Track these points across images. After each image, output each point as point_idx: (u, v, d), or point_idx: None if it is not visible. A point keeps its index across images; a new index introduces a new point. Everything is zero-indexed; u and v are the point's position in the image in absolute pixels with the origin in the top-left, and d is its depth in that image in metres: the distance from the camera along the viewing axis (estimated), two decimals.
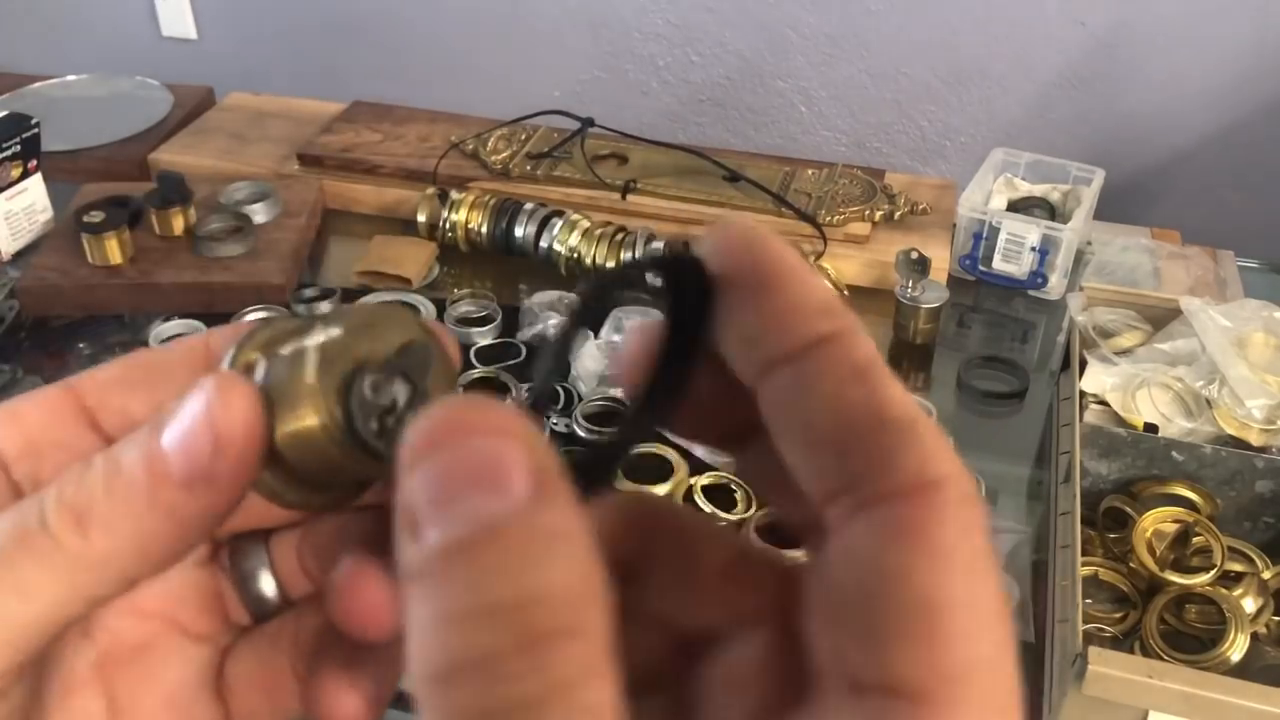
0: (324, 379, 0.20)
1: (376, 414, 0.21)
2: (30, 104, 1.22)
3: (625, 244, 0.98)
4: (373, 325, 0.21)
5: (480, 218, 1.02)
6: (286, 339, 0.21)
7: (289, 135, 1.20)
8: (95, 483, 0.19)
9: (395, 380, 0.21)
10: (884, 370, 0.18)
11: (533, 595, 0.15)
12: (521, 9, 1.99)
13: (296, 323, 0.21)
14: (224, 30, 2.19)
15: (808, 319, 0.18)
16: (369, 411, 0.21)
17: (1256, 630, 0.69)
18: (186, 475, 0.18)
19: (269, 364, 0.20)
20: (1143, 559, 0.72)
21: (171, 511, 0.18)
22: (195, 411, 0.19)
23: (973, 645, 0.16)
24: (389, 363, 0.21)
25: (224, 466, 0.18)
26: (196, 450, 0.18)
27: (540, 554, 0.15)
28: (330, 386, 0.20)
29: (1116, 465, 0.78)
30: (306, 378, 0.20)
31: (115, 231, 0.95)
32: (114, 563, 0.19)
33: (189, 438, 0.18)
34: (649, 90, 2.01)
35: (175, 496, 0.18)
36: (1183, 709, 0.57)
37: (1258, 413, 0.79)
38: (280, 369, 0.20)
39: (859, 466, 0.17)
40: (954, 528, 0.16)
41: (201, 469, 0.18)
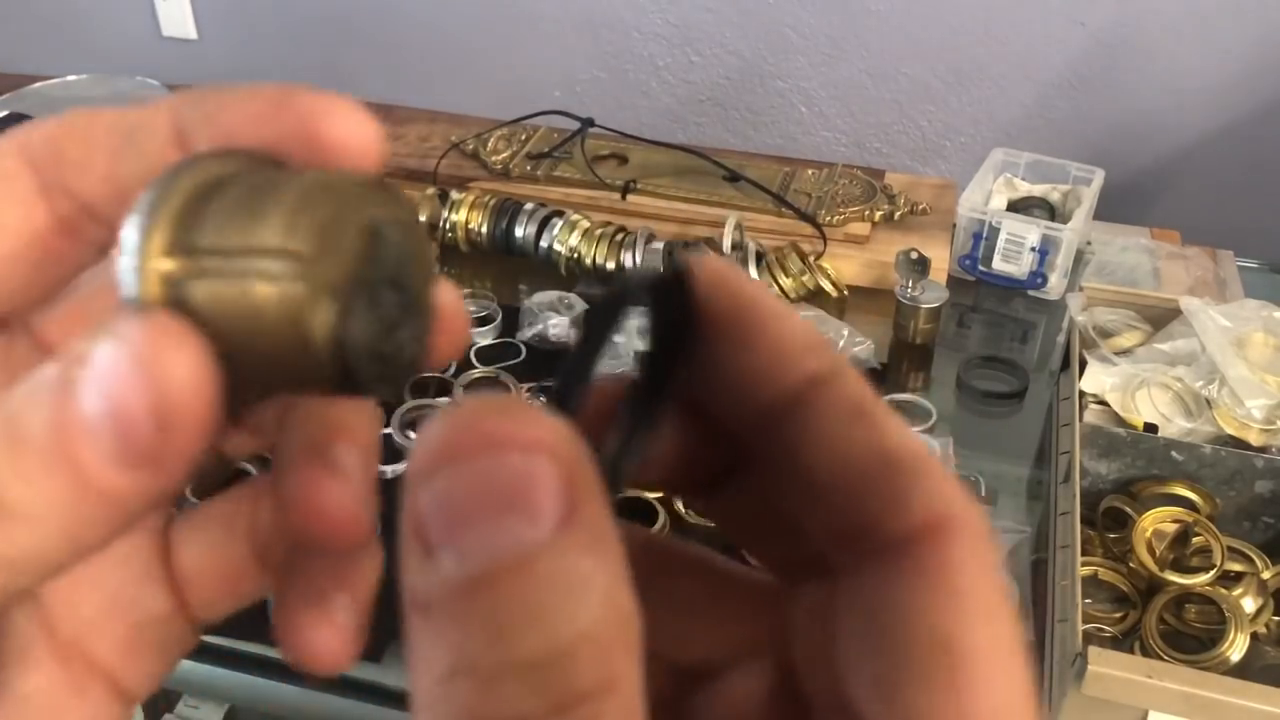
0: (304, 316, 0.15)
1: (368, 346, 0.16)
2: (30, 104, 1.22)
3: (625, 244, 0.98)
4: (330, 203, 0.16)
5: (480, 218, 1.02)
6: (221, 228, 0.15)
7: None
8: (3, 460, 0.14)
9: (382, 292, 0.16)
10: (883, 407, 0.17)
11: (566, 648, 0.13)
12: (521, 9, 1.99)
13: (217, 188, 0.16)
14: (224, 30, 2.19)
15: (797, 358, 0.17)
16: (360, 345, 0.16)
17: (1256, 630, 0.69)
18: (122, 457, 0.14)
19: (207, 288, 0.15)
20: (1142, 559, 0.72)
21: (107, 498, 0.15)
22: (121, 373, 0.14)
23: (996, 691, 0.15)
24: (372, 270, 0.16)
25: (170, 446, 0.14)
26: (132, 427, 0.14)
27: (573, 594, 0.13)
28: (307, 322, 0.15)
29: (1116, 465, 0.78)
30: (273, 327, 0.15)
31: None
32: (42, 556, 0.15)
33: (119, 410, 0.14)
34: (649, 90, 2.01)
35: (110, 480, 0.14)
36: (1182, 709, 0.57)
37: (1257, 413, 0.79)
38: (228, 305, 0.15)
39: (869, 509, 0.16)
40: (971, 568, 0.16)
41: (141, 449, 0.14)
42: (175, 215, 0.16)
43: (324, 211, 0.16)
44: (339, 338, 0.16)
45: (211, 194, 0.16)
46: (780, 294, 0.94)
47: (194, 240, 0.15)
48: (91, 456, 0.14)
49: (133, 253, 0.16)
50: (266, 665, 0.70)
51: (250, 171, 0.16)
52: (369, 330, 0.16)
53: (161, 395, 0.14)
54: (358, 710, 0.69)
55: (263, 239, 0.15)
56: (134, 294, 0.16)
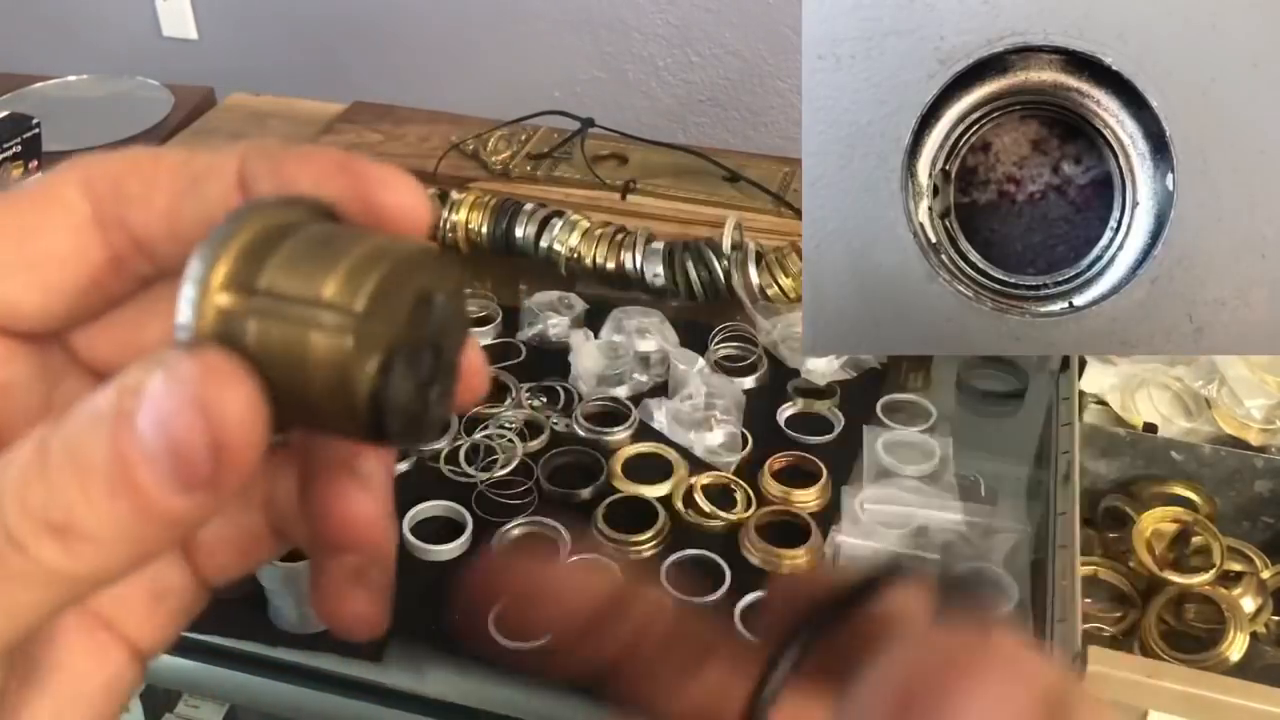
0: (350, 369, 0.16)
1: (401, 401, 0.17)
2: (31, 105, 1.22)
3: (625, 244, 0.98)
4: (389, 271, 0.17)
5: (480, 218, 1.02)
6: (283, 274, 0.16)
7: (289, 136, 1.20)
8: (65, 486, 0.16)
9: (424, 354, 0.18)
10: None
11: None
12: (521, 9, 1.99)
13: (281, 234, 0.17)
14: (224, 30, 2.19)
15: None
16: (395, 404, 0.17)
17: (1256, 630, 0.69)
18: (180, 484, 0.16)
19: (261, 327, 0.16)
20: (1142, 559, 0.72)
21: (171, 519, 0.16)
22: (179, 408, 0.15)
23: None
24: (417, 332, 0.17)
25: (226, 475, 0.16)
26: (189, 456, 0.15)
27: None
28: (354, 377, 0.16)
29: (1116, 465, 0.78)
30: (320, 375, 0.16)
31: None
32: (104, 573, 0.16)
33: (179, 441, 0.15)
34: (649, 90, 2.01)
35: (169, 504, 0.16)
36: (1182, 709, 0.57)
37: (1257, 412, 0.79)
38: (280, 347, 0.16)
39: None
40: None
41: (198, 477, 0.16)
42: (239, 254, 0.17)
43: (383, 275, 0.17)
44: (377, 394, 0.17)
45: (276, 239, 0.17)
46: (780, 294, 0.94)
47: (254, 281, 0.17)
48: (151, 483, 0.15)
49: (195, 284, 0.16)
50: (266, 665, 0.70)
51: (311, 223, 0.18)
52: (405, 389, 0.17)
53: (217, 429, 0.15)
54: (358, 710, 0.69)
55: (323, 292, 0.16)
56: (189, 323, 0.17)
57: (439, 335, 0.18)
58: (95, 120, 1.23)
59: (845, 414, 0.87)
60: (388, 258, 0.17)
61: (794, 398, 0.89)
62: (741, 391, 0.87)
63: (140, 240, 0.18)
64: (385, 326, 0.17)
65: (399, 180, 0.19)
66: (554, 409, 0.87)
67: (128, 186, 0.18)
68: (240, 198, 0.19)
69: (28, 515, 0.16)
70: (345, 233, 0.18)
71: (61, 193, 0.18)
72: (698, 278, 0.96)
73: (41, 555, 0.16)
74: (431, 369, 0.18)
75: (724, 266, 0.96)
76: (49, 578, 0.16)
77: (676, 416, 0.84)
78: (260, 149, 0.19)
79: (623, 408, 0.86)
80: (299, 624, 0.70)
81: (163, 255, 0.19)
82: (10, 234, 0.18)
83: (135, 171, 0.19)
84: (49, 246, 0.18)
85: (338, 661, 0.69)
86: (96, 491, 0.15)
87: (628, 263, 0.98)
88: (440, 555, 0.73)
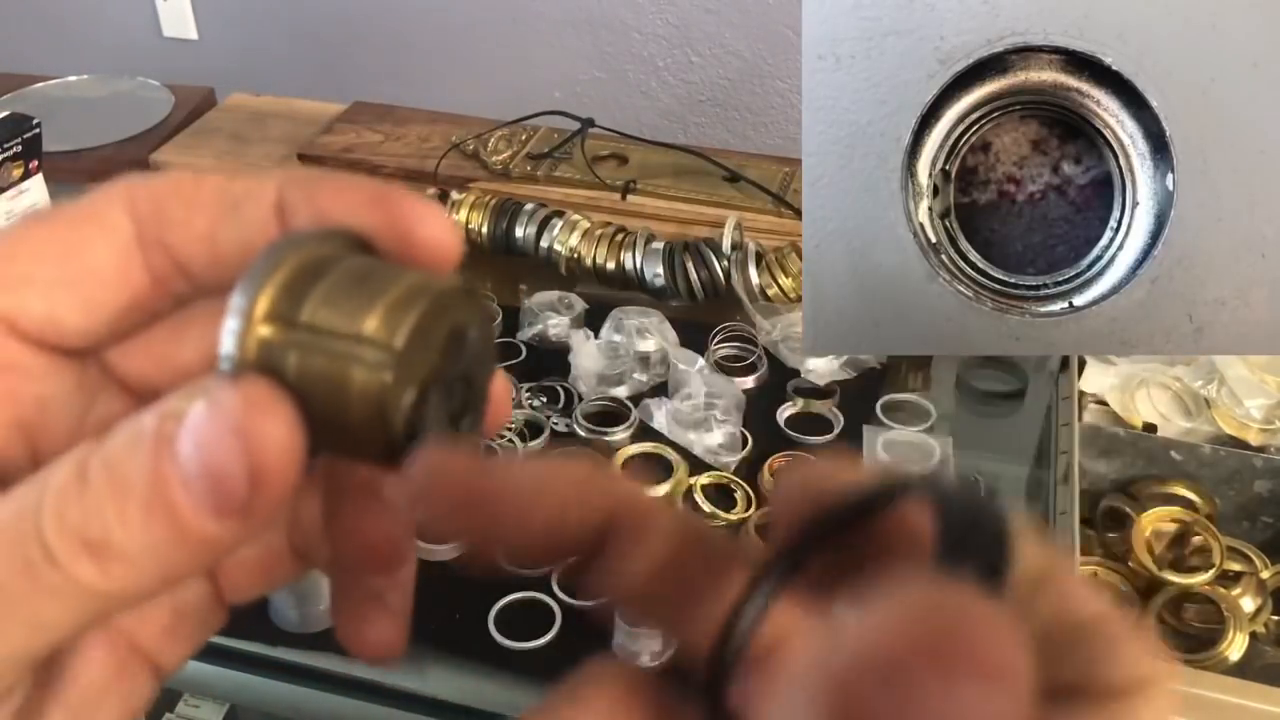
0: (388, 402, 0.17)
1: (435, 431, 0.18)
2: (31, 104, 1.22)
3: (625, 244, 0.98)
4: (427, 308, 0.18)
5: (480, 218, 1.02)
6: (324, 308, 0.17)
7: (289, 136, 1.20)
8: (102, 505, 0.16)
9: (456, 387, 0.18)
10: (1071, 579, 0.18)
11: None
12: (521, 9, 1.99)
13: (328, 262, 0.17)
14: (224, 30, 2.19)
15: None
16: (428, 434, 0.18)
17: (1255, 630, 0.69)
18: (217, 509, 0.16)
19: (301, 359, 0.17)
20: (1141, 559, 0.72)
21: (206, 543, 0.16)
22: (219, 436, 0.16)
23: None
24: (449, 370, 0.18)
25: (261, 502, 0.16)
26: (227, 483, 0.16)
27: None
28: (391, 410, 0.17)
29: (1115, 465, 0.78)
30: (358, 407, 0.17)
31: None
32: (135, 592, 0.17)
33: (217, 467, 0.16)
34: (649, 90, 2.01)
35: (205, 528, 0.16)
36: (1182, 708, 0.57)
37: (1256, 412, 0.79)
38: (319, 379, 0.17)
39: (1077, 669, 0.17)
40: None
41: (235, 503, 0.16)
42: (281, 287, 0.17)
43: (421, 312, 0.17)
44: (413, 425, 0.17)
45: (315, 273, 0.17)
46: (780, 294, 0.94)
47: (296, 314, 0.17)
48: (188, 507, 0.16)
49: (238, 315, 0.17)
50: (266, 665, 0.70)
51: (349, 256, 0.18)
52: (439, 420, 0.18)
53: (256, 457, 0.16)
54: (358, 710, 0.69)
55: (364, 328, 0.17)
56: (232, 353, 0.17)
57: (470, 367, 0.19)
58: (95, 120, 1.23)
59: (845, 414, 0.87)
60: (425, 295, 0.18)
61: (794, 398, 0.89)
62: (741, 391, 0.87)
63: (180, 261, 0.19)
64: (422, 361, 0.17)
65: (432, 214, 0.19)
66: (554, 409, 0.87)
67: (170, 209, 0.19)
68: (277, 224, 0.19)
69: (65, 532, 0.16)
70: (382, 268, 0.18)
71: (106, 213, 0.19)
72: (698, 278, 0.96)
73: (76, 572, 0.16)
74: (463, 400, 0.19)
75: (724, 266, 0.96)
76: (81, 594, 0.16)
77: (676, 416, 0.84)
78: (297, 178, 0.19)
79: (623, 408, 0.86)
80: (299, 624, 0.70)
81: (200, 277, 0.19)
82: (55, 251, 0.18)
83: (177, 195, 0.19)
84: (92, 264, 0.19)
85: (338, 661, 0.69)
86: (133, 512, 0.16)
87: (628, 263, 0.98)
88: (440, 555, 0.73)
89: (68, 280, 0.18)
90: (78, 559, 0.16)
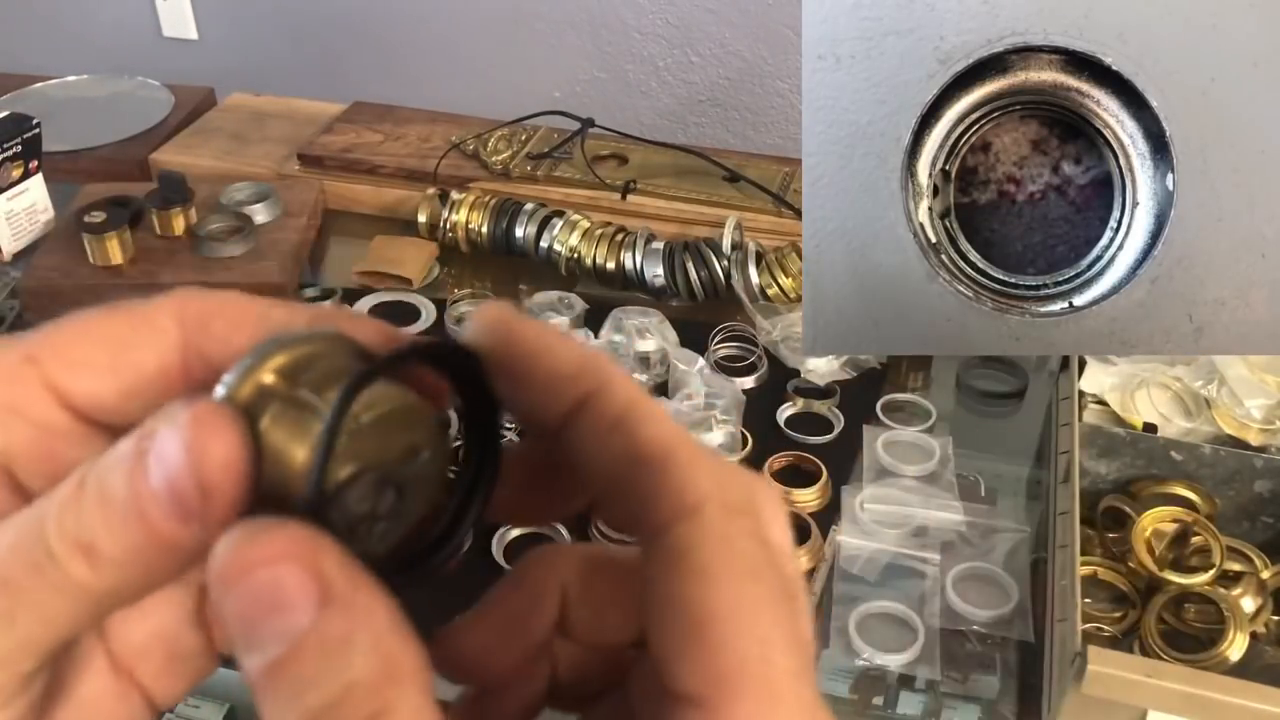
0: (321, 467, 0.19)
1: (353, 516, 0.20)
2: (31, 104, 1.22)
3: (625, 244, 0.98)
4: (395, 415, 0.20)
5: (480, 218, 1.02)
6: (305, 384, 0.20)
7: (289, 135, 1.20)
8: (92, 514, 0.19)
9: (388, 490, 0.21)
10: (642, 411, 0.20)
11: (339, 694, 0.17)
12: (521, 9, 1.99)
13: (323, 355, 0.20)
14: (224, 30, 2.19)
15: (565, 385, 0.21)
16: (347, 512, 0.20)
17: (1255, 630, 0.69)
18: (178, 515, 0.19)
19: (276, 411, 0.20)
20: (1142, 559, 0.72)
21: (170, 546, 0.19)
22: (175, 451, 0.19)
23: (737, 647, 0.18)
24: (389, 470, 0.21)
25: (212, 510, 0.19)
26: (183, 493, 0.19)
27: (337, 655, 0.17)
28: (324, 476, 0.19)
29: (1115, 465, 0.78)
30: (299, 459, 0.19)
31: (116, 232, 0.95)
32: (122, 589, 0.20)
33: (174, 479, 0.19)
34: (649, 90, 2.01)
35: (172, 533, 0.19)
36: (1182, 708, 0.57)
37: (1256, 412, 0.79)
38: (281, 429, 0.20)
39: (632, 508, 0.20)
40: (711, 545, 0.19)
41: (192, 510, 0.19)
42: (298, 356, 0.20)
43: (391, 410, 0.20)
44: (337, 493, 0.20)
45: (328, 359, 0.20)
46: (780, 294, 0.94)
47: (297, 378, 0.20)
48: (156, 514, 0.19)
49: (254, 356, 0.20)
50: None
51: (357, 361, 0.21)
52: (359, 506, 0.20)
53: (201, 470, 0.18)
54: None
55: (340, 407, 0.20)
56: (230, 383, 0.20)
57: (408, 482, 0.21)
58: (95, 120, 1.23)
59: (845, 414, 0.87)
60: (404, 404, 0.21)
61: (794, 398, 0.89)
62: (741, 391, 0.87)
63: (216, 370, 0.21)
64: (371, 452, 0.20)
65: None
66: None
67: (214, 325, 0.22)
68: None
69: (64, 537, 0.19)
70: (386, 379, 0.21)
71: (157, 318, 0.22)
72: (698, 278, 0.96)
73: (72, 571, 0.19)
74: (390, 511, 0.21)
75: (724, 266, 0.96)
76: (78, 591, 0.19)
77: (676, 417, 0.84)
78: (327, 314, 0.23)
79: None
80: None
81: None
82: (109, 342, 0.22)
83: (223, 313, 0.22)
84: (138, 361, 0.22)
85: None
86: (115, 519, 0.19)
87: (628, 263, 0.98)
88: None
89: (114, 369, 0.21)
90: (73, 559, 0.19)
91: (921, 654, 0.69)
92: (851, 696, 0.68)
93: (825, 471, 0.81)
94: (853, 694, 0.68)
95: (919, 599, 0.72)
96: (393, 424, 0.20)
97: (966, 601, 0.72)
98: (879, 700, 0.68)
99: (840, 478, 0.81)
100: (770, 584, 0.19)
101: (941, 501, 0.79)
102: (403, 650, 0.18)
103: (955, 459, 0.82)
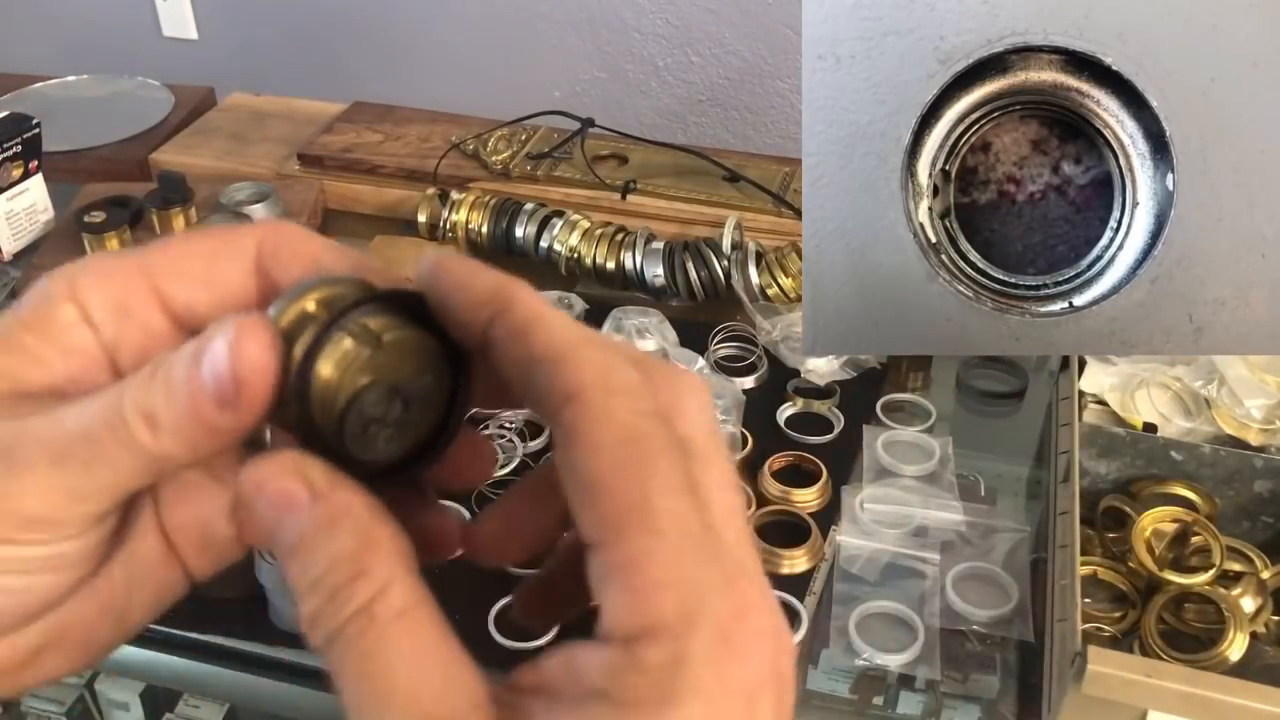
0: (344, 380, 0.24)
1: (368, 417, 0.25)
2: (31, 104, 1.22)
3: (625, 244, 0.98)
4: (409, 344, 0.25)
5: (480, 218, 1.02)
6: (340, 315, 0.24)
7: (289, 135, 1.20)
8: (157, 392, 0.24)
9: (395, 401, 0.25)
10: (541, 321, 0.24)
11: (329, 563, 0.23)
12: (522, 9, 1.99)
13: (357, 296, 0.25)
14: (224, 30, 2.19)
15: (480, 308, 0.24)
16: (364, 413, 0.25)
17: (1255, 630, 0.69)
18: (218, 402, 0.23)
19: (314, 332, 0.24)
20: (1141, 559, 0.72)
21: (212, 427, 0.24)
22: (221, 352, 0.23)
23: (618, 497, 0.22)
24: (401, 386, 0.25)
25: (244, 401, 0.23)
26: (224, 384, 0.23)
27: (324, 535, 0.23)
28: (344, 387, 0.24)
29: (1115, 465, 0.78)
30: (327, 372, 0.24)
31: (116, 232, 0.95)
32: (174, 456, 0.24)
33: (218, 372, 0.23)
34: (649, 90, 2.01)
35: (213, 416, 0.24)
36: (1182, 708, 0.57)
37: (1256, 412, 0.79)
38: (314, 344, 0.24)
39: (537, 403, 0.24)
40: (588, 419, 0.22)
41: (229, 398, 0.23)
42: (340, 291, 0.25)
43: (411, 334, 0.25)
44: (357, 395, 0.24)
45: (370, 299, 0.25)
46: (780, 294, 0.94)
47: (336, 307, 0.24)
48: (202, 398, 0.24)
49: (300, 289, 0.25)
50: (266, 665, 0.70)
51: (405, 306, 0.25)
52: (373, 409, 0.25)
53: (237, 366, 0.23)
54: None
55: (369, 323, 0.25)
56: (277, 307, 0.24)
57: (416, 397, 0.25)
58: (95, 120, 1.23)
59: (845, 414, 0.87)
60: (417, 337, 0.25)
61: (794, 398, 0.89)
62: (741, 391, 0.87)
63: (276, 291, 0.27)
64: (390, 369, 0.25)
65: None
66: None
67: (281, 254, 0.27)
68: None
69: (134, 407, 0.24)
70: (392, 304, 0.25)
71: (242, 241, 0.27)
72: (698, 278, 0.96)
73: (137, 434, 0.24)
74: (396, 419, 0.25)
75: (724, 266, 0.96)
76: (140, 450, 0.24)
77: None
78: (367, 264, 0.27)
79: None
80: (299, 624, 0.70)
81: None
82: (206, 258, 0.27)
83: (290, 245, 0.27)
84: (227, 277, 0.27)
85: None
86: (173, 398, 0.24)
87: (628, 263, 0.98)
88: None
89: (209, 283, 0.26)
90: (139, 425, 0.24)
91: (921, 654, 0.69)
92: (851, 696, 0.68)
93: (825, 471, 0.81)
94: (853, 694, 0.68)
95: (919, 599, 0.72)
96: (406, 351, 0.25)
97: (966, 601, 0.72)
98: (879, 700, 0.68)
99: (840, 478, 0.81)
100: (650, 445, 0.22)
101: (941, 501, 0.79)
102: (379, 530, 0.23)
103: (955, 459, 0.82)
